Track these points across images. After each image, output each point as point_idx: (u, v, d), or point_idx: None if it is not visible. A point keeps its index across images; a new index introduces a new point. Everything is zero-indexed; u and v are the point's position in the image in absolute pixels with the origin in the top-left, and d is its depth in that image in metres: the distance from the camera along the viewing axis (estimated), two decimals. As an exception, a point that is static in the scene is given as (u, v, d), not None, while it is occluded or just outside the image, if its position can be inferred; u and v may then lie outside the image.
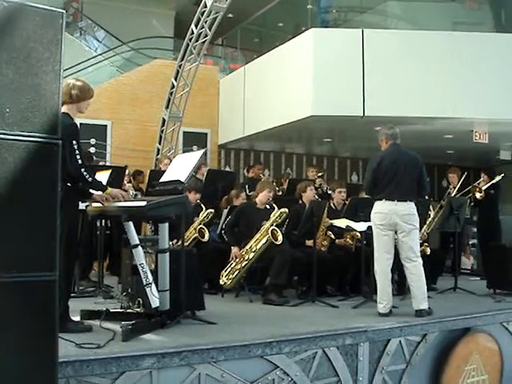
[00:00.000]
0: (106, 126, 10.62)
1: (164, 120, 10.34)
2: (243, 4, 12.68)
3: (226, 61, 13.39)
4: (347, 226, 5.64)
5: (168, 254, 4.22)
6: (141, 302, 4.48)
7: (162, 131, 10.42)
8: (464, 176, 8.34)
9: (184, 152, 11.40)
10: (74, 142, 3.84)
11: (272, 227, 5.74)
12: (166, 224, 4.16)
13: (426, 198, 7.43)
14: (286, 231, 6.08)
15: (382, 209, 4.97)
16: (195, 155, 4.44)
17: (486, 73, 8.41)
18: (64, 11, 2.44)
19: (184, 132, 11.29)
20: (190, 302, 4.53)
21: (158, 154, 10.40)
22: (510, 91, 8.37)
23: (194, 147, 11.52)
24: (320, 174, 8.75)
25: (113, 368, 3.21)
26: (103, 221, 6.58)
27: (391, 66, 8.44)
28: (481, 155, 10.93)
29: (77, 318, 4.26)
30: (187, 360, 3.44)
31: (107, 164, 10.04)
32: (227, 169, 11.92)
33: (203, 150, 4.80)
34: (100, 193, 4.14)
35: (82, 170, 3.89)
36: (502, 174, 8.38)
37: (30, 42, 2.36)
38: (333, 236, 6.15)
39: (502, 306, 5.64)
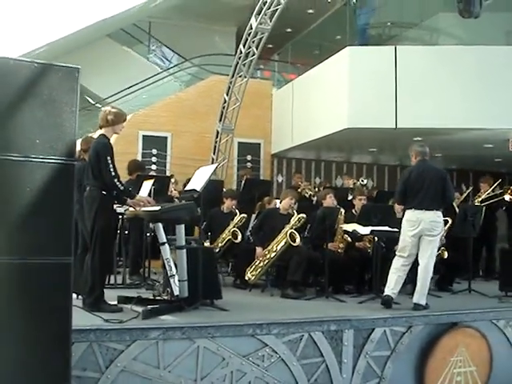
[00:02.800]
0: (166, 137, 11.73)
1: (218, 132, 11.29)
2: (300, 18, 13.43)
3: (280, 74, 14.18)
4: (353, 230, 6.30)
5: (185, 249, 5.07)
6: (169, 290, 5.38)
7: (216, 142, 11.37)
8: (497, 184, 8.72)
9: (239, 161, 12.40)
10: (108, 157, 4.79)
11: (290, 230, 6.48)
12: (182, 225, 5.02)
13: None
14: (307, 235, 6.82)
15: (411, 217, 5.67)
16: (210, 168, 5.31)
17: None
18: (79, 67, 3.35)
19: (239, 142, 12.24)
20: (208, 291, 5.36)
21: (212, 163, 11.33)
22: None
23: (248, 156, 12.47)
24: (362, 182, 9.48)
25: (126, 336, 4.10)
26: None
27: (422, 80, 8.93)
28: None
29: (114, 302, 5.20)
30: (188, 334, 4.27)
31: (167, 172, 11.19)
32: (279, 177, 12.77)
33: (216, 165, 5.65)
34: (134, 199, 5.07)
35: (115, 180, 4.81)
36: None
37: (53, 91, 3.28)
38: (349, 239, 6.80)
39: (501, 305, 6.05)
